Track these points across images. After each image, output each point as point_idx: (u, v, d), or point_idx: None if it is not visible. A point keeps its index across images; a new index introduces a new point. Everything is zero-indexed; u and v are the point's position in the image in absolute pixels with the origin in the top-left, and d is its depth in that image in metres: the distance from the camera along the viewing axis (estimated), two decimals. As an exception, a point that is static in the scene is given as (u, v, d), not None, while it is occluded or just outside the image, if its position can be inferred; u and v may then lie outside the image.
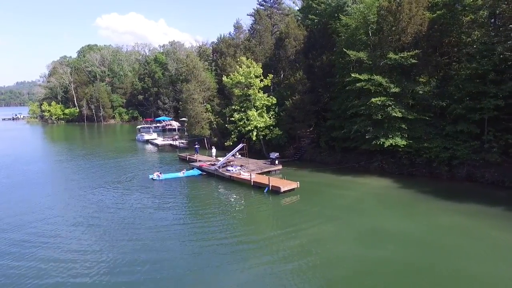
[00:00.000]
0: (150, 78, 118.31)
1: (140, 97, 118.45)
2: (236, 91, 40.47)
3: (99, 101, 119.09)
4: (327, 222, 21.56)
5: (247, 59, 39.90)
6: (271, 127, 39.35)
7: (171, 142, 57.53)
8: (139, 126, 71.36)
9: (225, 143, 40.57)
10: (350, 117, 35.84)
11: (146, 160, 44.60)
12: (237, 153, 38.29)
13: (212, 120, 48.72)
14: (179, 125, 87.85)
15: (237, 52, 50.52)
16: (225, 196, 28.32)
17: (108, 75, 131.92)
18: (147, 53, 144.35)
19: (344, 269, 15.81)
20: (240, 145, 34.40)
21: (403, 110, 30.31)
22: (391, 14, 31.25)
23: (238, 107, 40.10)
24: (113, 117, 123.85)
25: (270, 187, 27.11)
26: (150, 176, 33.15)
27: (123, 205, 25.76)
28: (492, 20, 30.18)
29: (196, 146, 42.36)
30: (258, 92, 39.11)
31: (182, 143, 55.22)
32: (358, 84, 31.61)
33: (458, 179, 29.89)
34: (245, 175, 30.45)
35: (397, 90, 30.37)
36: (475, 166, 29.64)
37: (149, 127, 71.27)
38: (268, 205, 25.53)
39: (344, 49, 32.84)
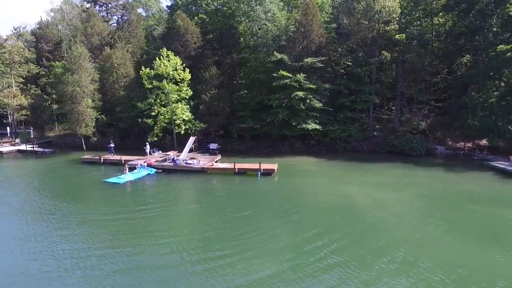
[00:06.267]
0: None
1: None
2: (151, 83, 38.12)
3: None
4: (345, 184, 27.52)
5: (167, 51, 38.29)
6: (193, 120, 39.77)
7: (18, 147, 44.79)
8: None
9: (149, 139, 37.43)
10: (261, 109, 42.01)
11: (31, 170, 34.69)
12: (152, 148, 36.98)
13: (93, 116, 42.46)
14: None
15: (117, 42, 45.63)
16: (232, 187, 28.00)
17: None
18: None
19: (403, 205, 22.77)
20: (192, 139, 33.96)
21: (320, 102, 39.37)
22: (302, 26, 39.62)
23: (158, 100, 38.02)
24: None
25: (262, 171, 29.96)
26: (115, 180, 28.26)
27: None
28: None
29: (111, 145, 36.86)
30: (179, 84, 38.59)
31: (33, 147, 44.27)
32: (286, 81, 38.20)
33: (348, 151, 41.88)
34: (220, 165, 31.43)
35: (313, 86, 39.00)
36: (357, 141, 42.55)
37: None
38: (284, 186, 27.93)
39: (276, 53, 38.49)
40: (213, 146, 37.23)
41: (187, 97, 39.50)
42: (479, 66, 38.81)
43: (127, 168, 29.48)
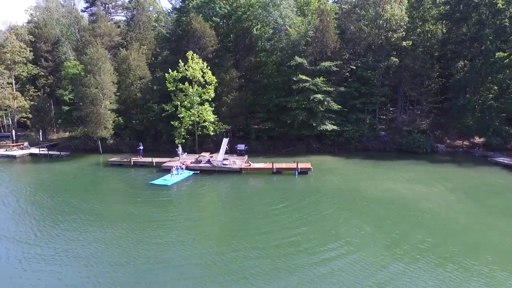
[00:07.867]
0: None
1: None
2: (175, 86, 38.67)
3: None
4: (380, 180, 29.77)
5: (193, 54, 38.90)
6: (217, 122, 40.67)
7: (29, 151, 43.66)
8: None
9: (177, 142, 38.00)
10: (278, 111, 43.65)
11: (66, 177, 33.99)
12: (182, 150, 37.72)
13: (111, 119, 42.22)
14: None
15: (132, 43, 45.49)
16: (279, 187, 28.71)
17: None
18: None
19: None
20: (225, 140, 35.03)
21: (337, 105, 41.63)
22: (319, 32, 41.73)
23: (185, 102, 38.61)
24: None
25: (299, 170, 31.63)
26: (162, 182, 28.77)
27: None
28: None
29: (140, 147, 37.05)
30: (206, 87, 39.39)
31: (47, 150, 43.57)
32: (305, 84, 40.11)
33: (360, 150, 44.52)
34: (256, 165, 32.84)
35: (331, 89, 41.21)
36: (368, 140, 45.31)
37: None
38: (326, 184, 29.51)
39: (297, 57, 40.23)
40: (240, 147, 38.43)
41: (210, 99, 40.28)
42: (477, 71, 42.67)
43: (174, 169, 30.11)
